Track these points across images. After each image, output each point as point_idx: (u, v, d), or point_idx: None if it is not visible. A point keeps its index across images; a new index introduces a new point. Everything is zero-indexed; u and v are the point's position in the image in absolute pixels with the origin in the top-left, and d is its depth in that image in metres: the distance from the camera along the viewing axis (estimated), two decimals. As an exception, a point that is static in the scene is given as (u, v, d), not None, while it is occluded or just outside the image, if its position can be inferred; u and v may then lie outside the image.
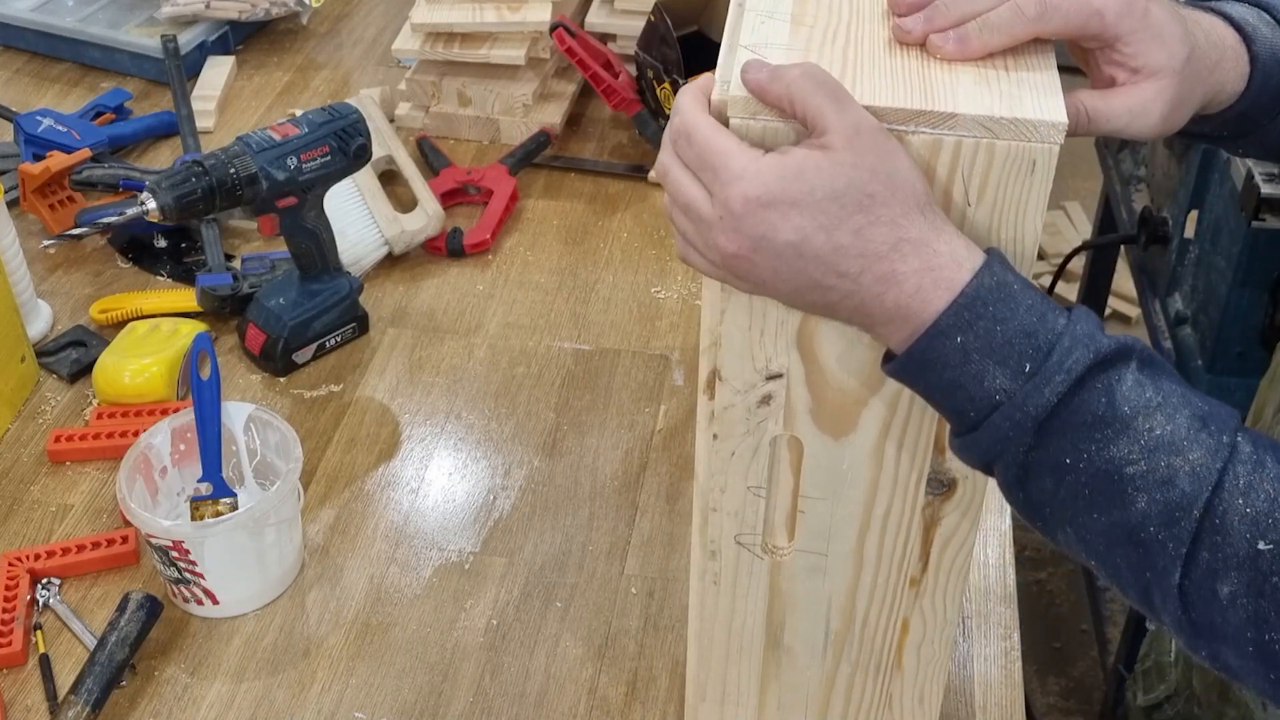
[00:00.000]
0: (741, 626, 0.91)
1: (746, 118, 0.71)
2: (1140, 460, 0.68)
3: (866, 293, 0.70)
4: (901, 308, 0.70)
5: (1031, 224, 0.72)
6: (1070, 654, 2.42)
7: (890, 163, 0.69)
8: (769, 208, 0.69)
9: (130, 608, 1.09)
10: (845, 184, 0.68)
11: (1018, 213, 0.72)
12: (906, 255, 0.69)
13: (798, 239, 0.69)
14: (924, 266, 0.69)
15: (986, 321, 0.69)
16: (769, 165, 0.69)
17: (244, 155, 1.26)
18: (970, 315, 0.69)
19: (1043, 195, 0.71)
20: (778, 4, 0.78)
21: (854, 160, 0.68)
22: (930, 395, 0.73)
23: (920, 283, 0.69)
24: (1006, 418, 0.69)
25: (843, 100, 0.69)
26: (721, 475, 0.83)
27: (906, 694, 0.94)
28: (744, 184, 0.69)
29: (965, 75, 0.72)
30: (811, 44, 0.74)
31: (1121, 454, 0.68)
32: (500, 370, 1.39)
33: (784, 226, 0.69)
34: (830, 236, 0.69)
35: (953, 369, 0.70)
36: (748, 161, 0.69)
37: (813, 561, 0.86)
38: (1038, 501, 0.72)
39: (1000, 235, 0.73)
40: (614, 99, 1.69)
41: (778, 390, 0.79)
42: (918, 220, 0.69)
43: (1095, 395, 0.68)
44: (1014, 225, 0.72)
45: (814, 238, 0.69)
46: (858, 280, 0.70)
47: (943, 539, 0.84)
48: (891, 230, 0.69)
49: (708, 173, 0.71)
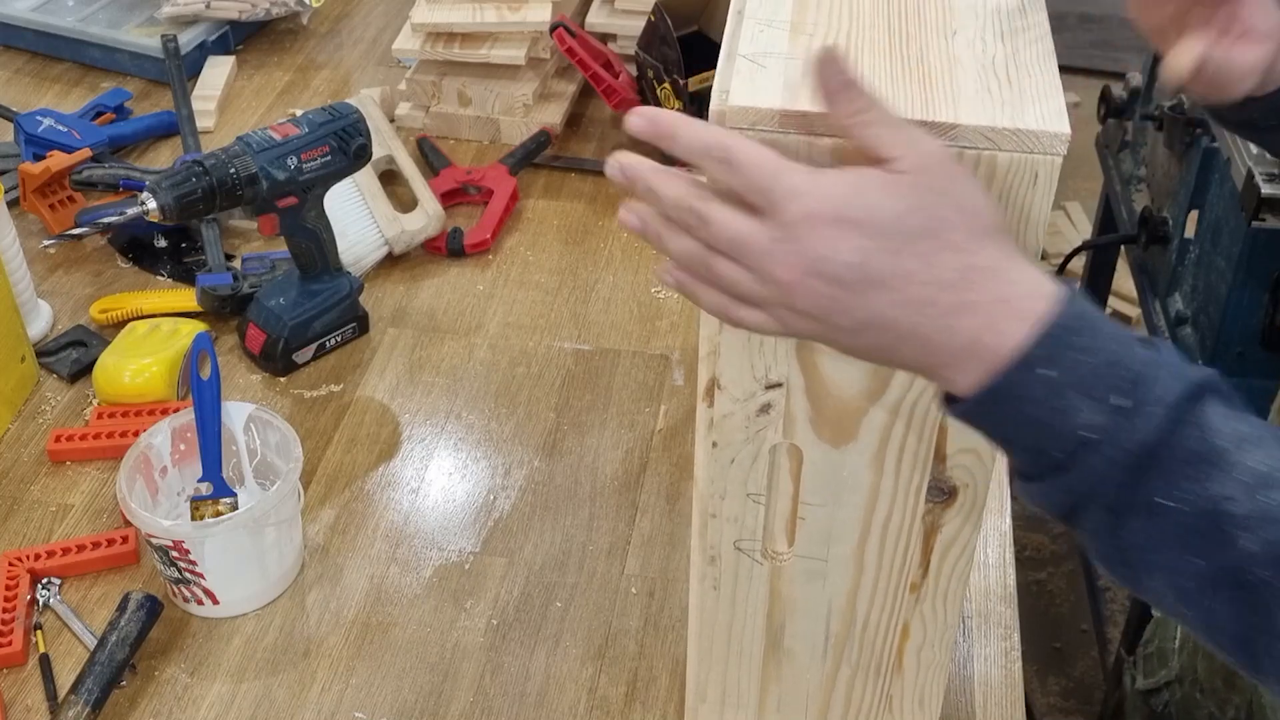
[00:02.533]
0: (741, 630, 0.91)
1: (745, 128, 0.70)
2: (1241, 497, 0.63)
3: (933, 326, 0.65)
4: (973, 342, 0.65)
5: (1034, 234, 0.72)
6: (1070, 654, 2.43)
7: (959, 187, 0.66)
8: (831, 225, 0.64)
9: (130, 608, 1.09)
10: (910, 205, 0.64)
11: (1020, 223, 0.71)
12: (977, 284, 0.65)
13: (859, 259, 0.64)
14: (997, 297, 0.65)
15: (1074, 353, 0.64)
16: (830, 180, 0.65)
17: (244, 155, 1.26)
18: (1057, 347, 0.64)
19: (1045, 205, 0.71)
20: (777, 12, 0.77)
21: (921, 183, 0.65)
22: (1004, 435, 0.68)
23: (993, 315, 0.65)
24: (1101, 456, 0.64)
25: (911, 129, 0.66)
26: (721, 482, 0.84)
27: (907, 695, 0.94)
28: (804, 200, 0.64)
29: (966, 84, 0.72)
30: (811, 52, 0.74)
31: (1221, 491, 0.63)
32: (500, 370, 1.39)
33: (844, 246, 0.64)
34: (895, 260, 0.64)
35: (1035, 404, 0.65)
36: (805, 176, 0.65)
37: (813, 567, 0.87)
38: (1127, 546, 0.66)
39: (1001, 244, 0.72)
40: (614, 99, 1.69)
41: (777, 399, 0.79)
42: (988, 247, 0.65)
43: (1190, 430, 0.64)
44: (1016, 236, 0.72)
45: (876, 260, 0.64)
46: (923, 312, 0.65)
47: (943, 545, 0.84)
48: (960, 256, 0.65)
49: (758, 195, 0.66)
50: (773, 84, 0.71)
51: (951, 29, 0.76)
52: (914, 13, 0.78)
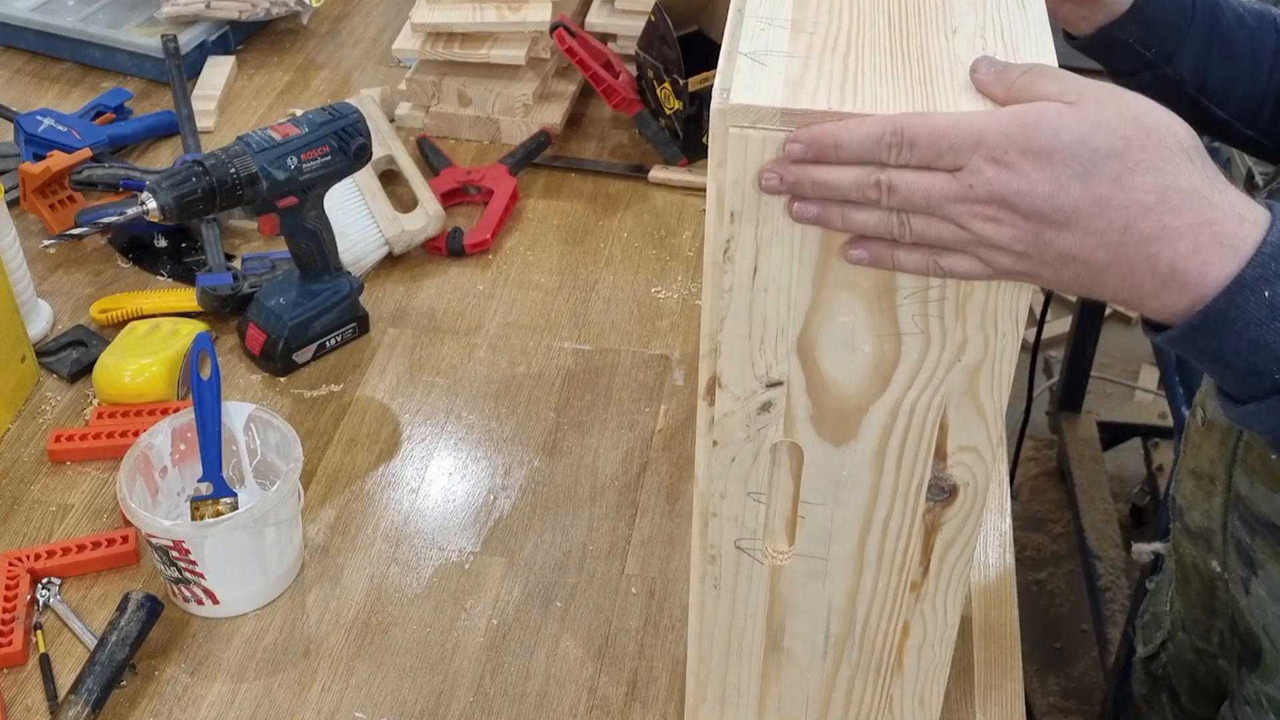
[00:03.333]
0: (742, 629, 0.91)
1: (746, 126, 0.71)
2: None
3: (1134, 255, 0.64)
4: (1178, 271, 0.64)
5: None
6: (1070, 654, 2.43)
7: (1140, 107, 0.65)
8: (1019, 157, 0.64)
9: (130, 607, 1.09)
10: (1092, 126, 0.64)
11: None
12: (1178, 208, 0.64)
13: (1052, 189, 0.64)
14: (1199, 221, 0.64)
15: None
16: (1008, 116, 0.65)
17: (244, 155, 1.26)
18: (1270, 269, 0.64)
19: (1044, 203, 0.71)
20: (777, 10, 0.77)
21: (1097, 106, 0.64)
22: (1218, 360, 0.67)
23: (1198, 240, 0.64)
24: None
25: (1074, 75, 0.66)
26: (721, 481, 0.84)
27: (907, 695, 0.94)
28: (986, 141, 0.64)
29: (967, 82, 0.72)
30: (812, 50, 0.74)
31: None
32: (500, 370, 1.39)
33: (1036, 176, 0.64)
34: (1086, 186, 0.64)
35: (1257, 327, 0.64)
36: (982, 118, 0.65)
37: (813, 566, 0.87)
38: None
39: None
40: (614, 99, 1.69)
41: (778, 397, 0.79)
42: (1185, 167, 0.64)
43: None
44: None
45: (1070, 187, 0.64)
46: (1123, 240, 0.64)
47: (944, 544, 0.84)
48: (1155, 178, 0.64)
49: (946, 156, 0.66)
50: (774, 82, 0.71)
51: (952, 26, 0.76)
52: (914, 10, 0.78)
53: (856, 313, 0.75)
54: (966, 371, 0.77)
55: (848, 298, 0.75)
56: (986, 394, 0.77)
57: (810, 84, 0.71)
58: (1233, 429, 1.05)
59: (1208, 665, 1.22)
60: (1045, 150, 0.64)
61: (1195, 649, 1.23)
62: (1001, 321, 0.75)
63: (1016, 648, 1.12)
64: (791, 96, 0.70)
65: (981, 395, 0.78)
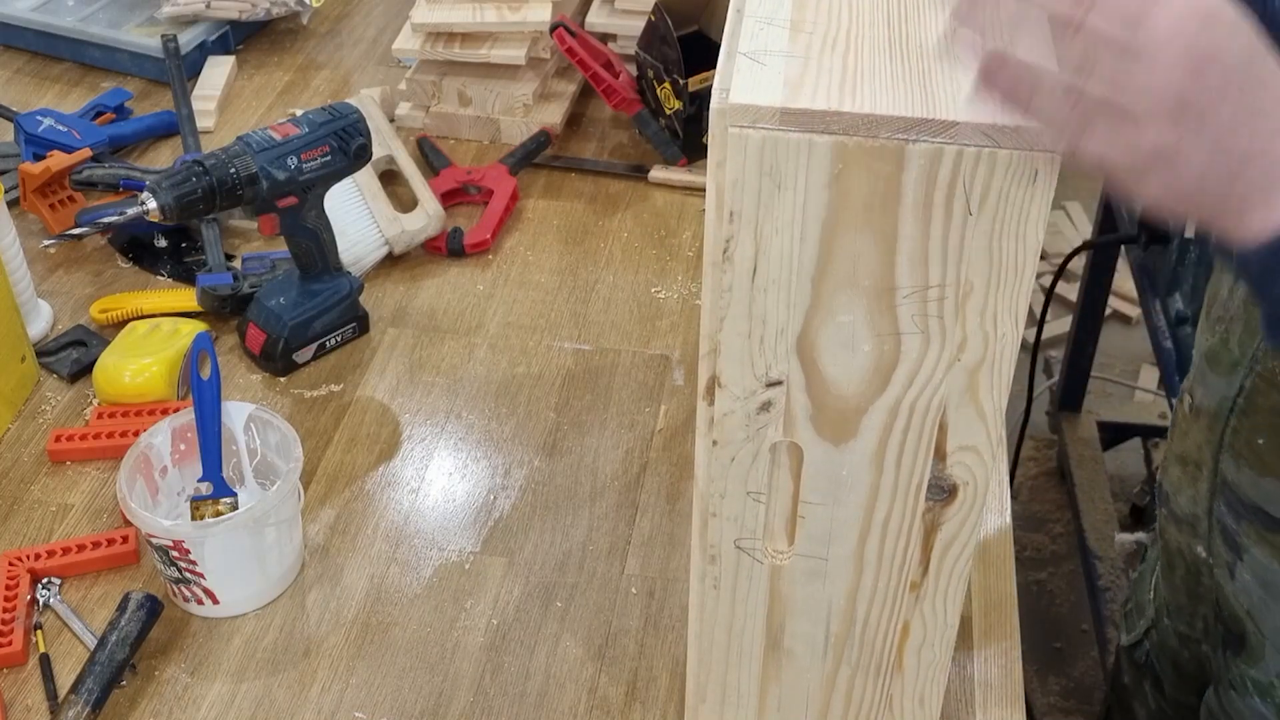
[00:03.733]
0: (742, 629, 0.91)
1: (745, 126, 0.71)
2: None
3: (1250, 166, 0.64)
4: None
5: (1033, 233, 0.71)
6: (1070, 654, 2.43)
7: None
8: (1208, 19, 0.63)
9: (130, 607, 1.09)
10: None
11: (1019, 222, 0.71)
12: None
13: (1245, 43, 0.63)
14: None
15: None
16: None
17: (244, 155, 1.26)
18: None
19: (1045, 204, 0.70)
20: (777, 10, 0.77)
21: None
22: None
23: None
24: None
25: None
26: (721, 481, 0.84)
27: (907, 695, 0.94)
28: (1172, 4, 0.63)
29: (966, 82, 0.72)
30: (811, 50, 0.74)
31: None
32: (500, 370, 1.39)
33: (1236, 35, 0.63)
34: (1266, 61, 0.63)
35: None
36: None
37: (813, 566, 0.87)
38: None
39: (1001, 244, 0.72)
40: (614, 99, 1.69)
41: (778, 397, 0.79)
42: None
43: None
44: (1015, 234, 0.72)
45: (1260, 50, 0.63)
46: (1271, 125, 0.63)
47: (943, 544, 0.84)
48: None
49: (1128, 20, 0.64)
50: (773, 81, 0.71)
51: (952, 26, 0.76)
52: (913, 11, 0.78)
53: (856, 313, 0.75)
54: (966, 371, 0.77)
55: (848, 298, 0.75)
56: (986, 394, 0.77)
57: (809, 84, 0.71)
58: (1220, 414, 1.04)
59: (1191, 651, 1.22)
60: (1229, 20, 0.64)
61: (1179, 635, 1.23)
62: (1001, 321, 0.75)
63: (1016, 648, 1.12)
64: (791, 96, 0.70)
65: (981, 395, 0.78)
